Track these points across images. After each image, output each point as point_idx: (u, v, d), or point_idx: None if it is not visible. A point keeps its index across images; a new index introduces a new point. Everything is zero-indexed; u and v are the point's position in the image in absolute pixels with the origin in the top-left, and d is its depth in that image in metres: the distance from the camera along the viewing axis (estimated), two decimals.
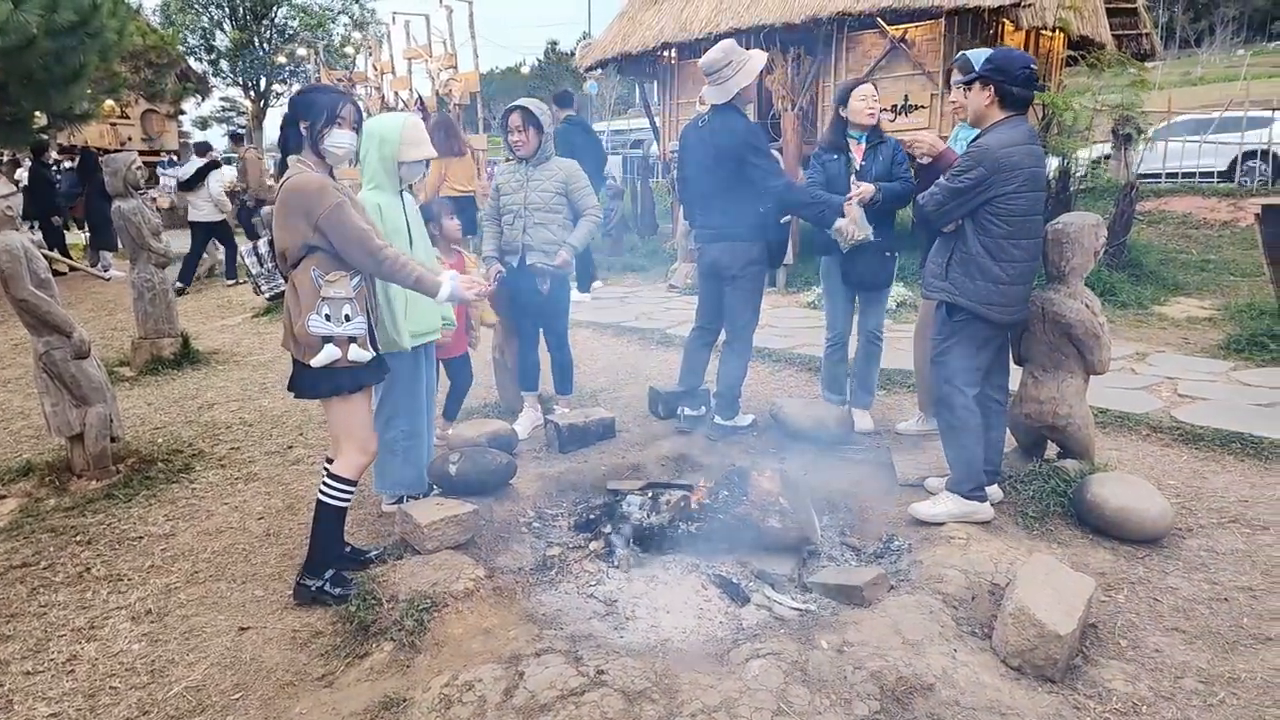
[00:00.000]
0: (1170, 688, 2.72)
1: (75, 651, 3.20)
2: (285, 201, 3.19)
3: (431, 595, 3.24)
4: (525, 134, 4.89)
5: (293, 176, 3.20)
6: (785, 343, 7.56)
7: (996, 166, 3.49)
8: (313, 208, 3.15)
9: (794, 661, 2.73)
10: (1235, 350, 6.73)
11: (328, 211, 3.15)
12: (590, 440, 5.06)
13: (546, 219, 4.96)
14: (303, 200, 3.16)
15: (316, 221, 3.16)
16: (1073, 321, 3.86)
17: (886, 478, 4.43)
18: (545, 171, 4.97)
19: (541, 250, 4.97)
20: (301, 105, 3.28)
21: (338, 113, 3.27)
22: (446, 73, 14.81)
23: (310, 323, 3.20)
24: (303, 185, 3.17)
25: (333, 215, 3.15)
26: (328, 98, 3.31)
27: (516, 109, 4.93)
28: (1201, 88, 31.27)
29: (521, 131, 4.89)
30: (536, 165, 4.97)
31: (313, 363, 3.23)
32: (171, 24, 34.54)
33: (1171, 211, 12.79)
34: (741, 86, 4.69)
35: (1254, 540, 3.69)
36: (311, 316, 3.20)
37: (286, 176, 3.23)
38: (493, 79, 58.87)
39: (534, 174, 4.95)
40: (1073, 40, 11.54)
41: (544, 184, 4.96)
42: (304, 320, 3.21)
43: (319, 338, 3.22)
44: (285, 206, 3.20)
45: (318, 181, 3.19)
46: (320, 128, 3.25)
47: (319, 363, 3.22)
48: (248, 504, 4.52)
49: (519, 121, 4.88)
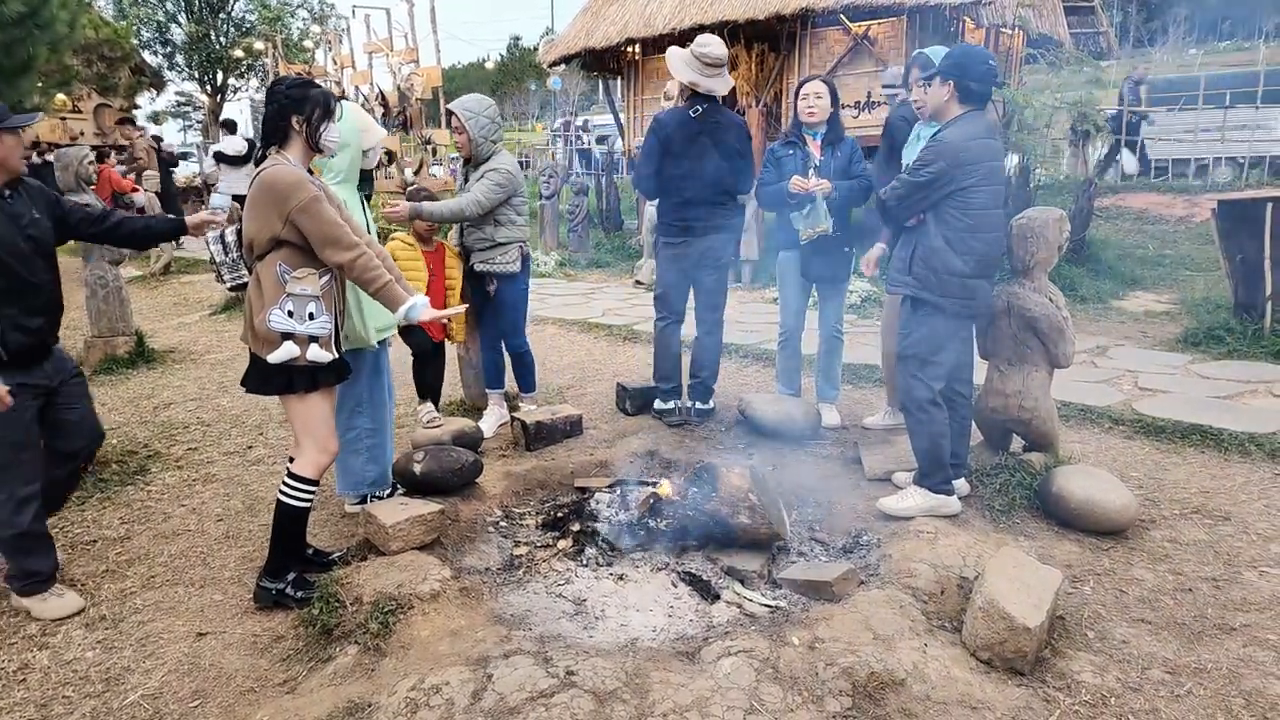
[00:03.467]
0: (1138, 679, 2.74)
1: (27, 659, 3.09)
2: (259, 193, 3.12)
3: (397, 597, 3.18)
4: (461, 135, 4.81)
5: (269, 169, 3.13)
6: (751, 338, 7.57)
7: (957, 161, 3.52)
8: (287, 201, 3.07)
9: (765, 659, 2.71)
10: (1192, 344, 6.85)
11: (303, 204, 3.07)
12: (558, 437, 5.02)
13: (480, 220, 4.85)
14: (276, 193, 3.08)
15: (289, 214, 3.08)
16: (1037, 315, 3.88)
17: (854, 472, 4.44)
18: (477, 172, 4.84)
19: (479, 251, 4.91)
20: (295, 100, 3.19)
21: (333, 106, 3.27)
22: (408, 67, 14.65)
23: (271, 317, 3.13)
24: (278, 178, 3.10)
25: (308, 208, 3.08)
26: (320, 92, 3.25)
27: (450, 111, 4.82)
28: None
29: (459, 133, 4.81)
30: (475, 166, 4.87)
31: (269, 358, 3.15)
32: (125, 17, 33.77)
33: (1129, 207, 13.00)
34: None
35: (1216, 531, 3.74)
36: (273, 311, 3.13)
37: (262, 168, 3.15)
38: (455, 74, 58.49)
39: (472, 175, 4.86)
40: (1032, 38, 11.69)
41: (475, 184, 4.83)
42: (265, 314, 3.13)
43: (278, 333, 3.14)
44: (258, 198, 3.12)
45: (294, 175, 3.12)
46: (319, 122, 3.21)
47: (275, 359, 3.15)
48: (206, 506, 4.42)
49: (456, 123, 4.79)
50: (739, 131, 4.98)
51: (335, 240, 3.13)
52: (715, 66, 4.79)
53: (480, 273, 4.95)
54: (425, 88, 14.24)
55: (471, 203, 4.72)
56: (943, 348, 3.78)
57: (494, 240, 4.89)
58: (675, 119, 4.89)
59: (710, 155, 4.86)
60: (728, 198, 5.02)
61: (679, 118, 4.89)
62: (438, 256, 4.90)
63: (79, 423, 3.53)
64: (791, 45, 11.81)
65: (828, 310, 5.16)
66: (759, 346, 7.19)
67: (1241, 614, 3.09)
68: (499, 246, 4.91)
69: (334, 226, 3.14)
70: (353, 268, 3.17)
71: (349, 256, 3.15)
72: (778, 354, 5.39)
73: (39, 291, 3.29)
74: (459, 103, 4.82)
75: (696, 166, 4.86)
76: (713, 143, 4.85)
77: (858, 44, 11.18)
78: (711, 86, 4.82)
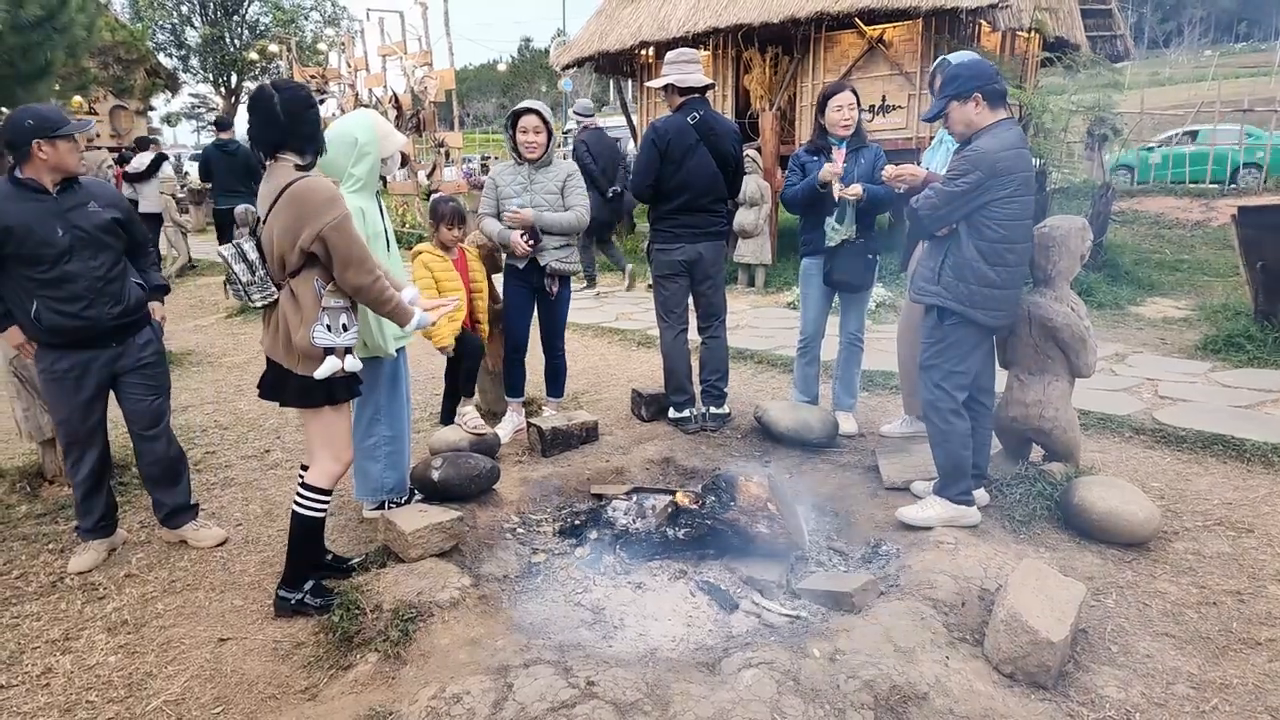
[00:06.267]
0: (1162, 694, 2.72)
1: (50, 664, 3.11)
2: (293, 205, 3.02)
3: (417, 605, 3.18)
4: (540, 136, 4.86)
5: (302, 180, 3.05)
6: (766, 344, 7.55)
7: (993, 170, 3.47)
8: (321, 215, 3.00)
9: (786, 671, 2.70)
10: (1212, 351, 6.80)
11: (336, 222, 3.02)
12: (573, 444, 5.02)
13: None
14: (312, 207, 3.01)
15: (322, 230, 3.00)
16: (1059, 325, 3.86)
17: (872, 481, 4.42)
18: (548, 174, 4.93)
19: (556, 250, 4.96)
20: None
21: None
22: (421, 70, 14.69)
23: (315, 334, 3.08)
24: (313, 191, 3.03)
25: (342, 226, 3.03)
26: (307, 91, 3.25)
27: (533, 112, 4.87)
28: (1170, 88, 31.69)
29: (537, 134, 4.85)
30: (540, 168, 4.92)
31: (316, 375, 3.12)
32: (141, 19, 34.00)
33: (1145, 211, 12.95)
34: None
35: (1239, 543, 3.71)
36: (316, 328, 3.08)
37: (295, 179, 3.05)
38: (466, 76, 58.63)
39: (537, 176, 4.91)
40: (1048, 41, 11.63)
41: (548, 185, 4.94)
42: (307, 331, 3.09)
43: (321, 348, 3.11)
44: (292, 210, 3.02)
45: (329, 190, 3.07)
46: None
47: (322, 374, 3.11)
48: (225, 510, 4.43)
49: (536, 123, 4.84)
50: (734, 137, 5.08)
51: (362, 261, 3.09)
52: (689, 63, 4.94)
53: (553, 273, 5.02)
54: (439, 91, 14.28)
55: (585, 213, 4.99)
56: (967, 358, 3.75)
57: (567, 240, 5.00)
58: (674, 126, 4.93)
59: (707, 162, 4.93)
60: (721, 204, 5.14)
61: (677, 125, 4.92)
62: (461, 262, 4.91)
63: (132, 411, 3.91)
64: (806, 49, 11.77)
65: (849, 317, 5.15)
66: (774, 353, 7.17)
67: (1267, 628, 3.06)
68: (569, 246, 5.03)
69: (362, 246, 3.11)
70: (371, 290, 3.13)
71: (370, 279, 3.11)
72: (796, 361, 5.37)
73: (76, 280, 3.56)
74: (538, 104, 4.94)
75: (694, 174, 4.92)
76: (710, 149, 4.92)
77: (872, 48, 11.14)
78: (687, 79, 4.92)
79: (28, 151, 3.46)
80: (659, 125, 4.97)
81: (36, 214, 3.48)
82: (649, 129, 5.05)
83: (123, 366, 3.81)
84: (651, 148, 4.93)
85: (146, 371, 3.89)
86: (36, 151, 3.46)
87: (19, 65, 7.09)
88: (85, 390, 3.72)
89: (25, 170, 3.51)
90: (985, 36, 11.07)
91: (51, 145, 3.47)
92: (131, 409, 3.89)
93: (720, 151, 4.96)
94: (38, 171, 3.51)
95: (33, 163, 3.49)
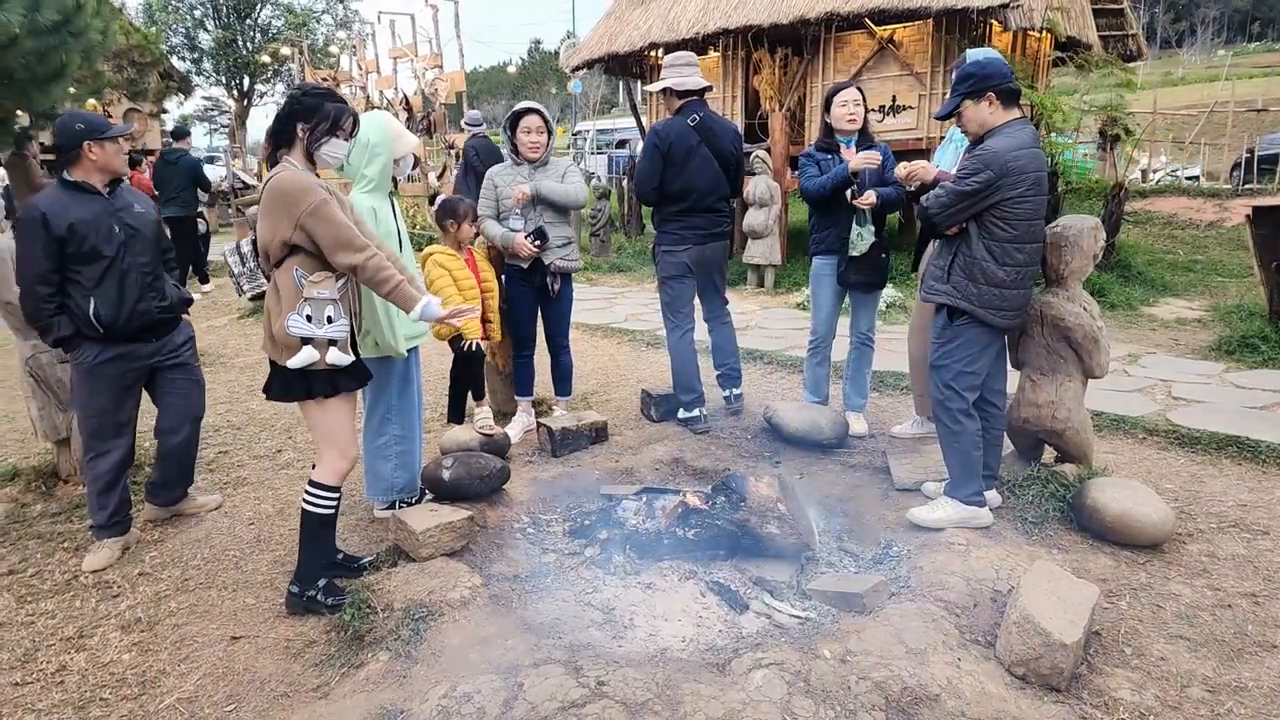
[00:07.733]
0: (1177, 697, 2.70)
1: (64, 662, 3.12)
2: (269, 199, 3.12)
3: (427, 604, 3.19)
4: (542, 137, 4.90)
5: (277, 174, 3.14)
6: (776, 345, 7.54)
7: (1005, 170, 3.46)
8: (295, 205, 3.07)
9: (797, 672, 2.70)
10: (1226, 352, 6.76)
11: (311, 208, 3.07)
12: (583, 444, 5.02)
13: (556, 219, 4.99)
14: (286, 197, 3.08)
15: (299, 218, 3.07)
16: (1071, 325, 3.84)
17: (882, 481, 4.41)
18: (548, 172, 4.97)
19: (560, 248, 5.00)
20: (306, 108, 3.21)
21: (341, 123, 3.27)
22: (432, 72, 14.74)
23: (289, 322, 3.12)
24: (286, 182, 3.10)
25: (318, 212, 3.08)
26: (334, 106, 3.25)
27: (534, 112, 4.90)
28: (1183, 88, 31.53)
29: (540, 134, 4.89)
30: (539, 167, 4.95)
31: (289, 364, 3.15)
32: (154, 23, 34.19)
33: (1158, 212, 12.88)
34: None
35: (1254, 545, 3.68)
36: (291, 316, 3.12)
37: (272, 174, 3.16)
38: (476, 77, 58.79)
39: (537, 176, 4.92)
40: (1060, 41, 11.58)
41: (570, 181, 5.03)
42: (283, 320, 3.13)
43: (297, 338, 3.14)
44: (269, 204, 3.12)
45: (303, 179, 3.12)
46: (321, 134, 3.22)
47: (295, 364, 3.14)
48: (237, 509, 4.45)
49: (538, 123, 4.88)
50: (733, 135, 5.14)
51: (347, 242, 3.12)
52: (687, 65, 4.98)
53: (555, 271, 5.04)
54: (450, 93, 14.32)
55: (583, 193, 5.06)
56: (978, 358, 3.74)
57: (569, 238, 5.07)
58: (675, 129, 4.96)
59: (709, 164, 4.98)
60: (725, 203, 5.20)
61: (678, 127, 4.95)
62: (470, 263, 4.92)
63: (166, 407, 4.11)
64: (815, 49, 11.75)
65: (860, 317, 5.13)
66: (784, 353, 7.16)
67: None
68: (571, 245, 5.09)
69: (344, 228, 3.13)
70: (364, 269, 3.15)
71: (361, 258, 3.14)
72: (806, 361, 5.36)
73: (129, 274, 3.77)
74: (538, 105, 4.97)
75: (697, 175, 4.96)
76: (711, 151, 4.97)
77: (882, 48, 11.12)
78: (685, 82, 4.95)
79: (78, 154, 3.66)
80: (660, 129, 5.00)
81: (95, 213, 3.68)
82: (650, 133, 5.10)
83: (161, 362, 4.00)
84: (654, 151, 4.95)
85: (185, 368, 4.11)
86: (87, 153, 3.66)
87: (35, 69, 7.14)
88: (126, 380, 3.89)
89: (74, 173, 3.70)
90: (996, 36, 11.02)
91: (100, 147, 3.68)
92: (169, 403, 4.08)
93: (720, 151, 5.01)
94: (87, 173, 3.71)
95: (82, 164, 3.68)
